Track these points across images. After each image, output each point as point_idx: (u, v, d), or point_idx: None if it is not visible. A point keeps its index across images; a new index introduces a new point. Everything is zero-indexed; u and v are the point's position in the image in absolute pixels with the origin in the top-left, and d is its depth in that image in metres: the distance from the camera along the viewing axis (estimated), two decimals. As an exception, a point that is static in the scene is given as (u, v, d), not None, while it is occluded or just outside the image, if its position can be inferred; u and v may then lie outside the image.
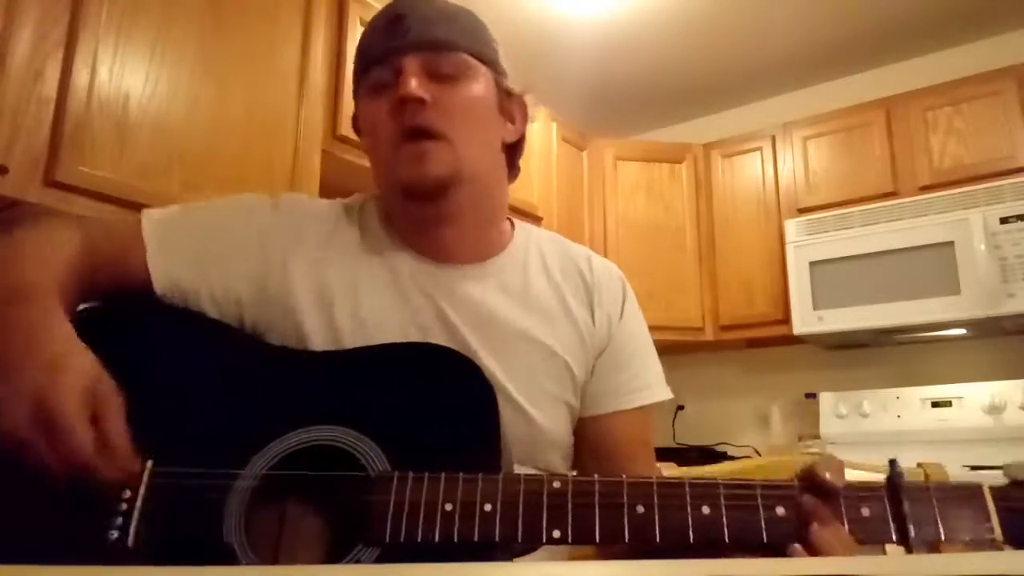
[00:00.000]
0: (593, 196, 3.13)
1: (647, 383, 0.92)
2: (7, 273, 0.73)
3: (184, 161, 1.65)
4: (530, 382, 0.83)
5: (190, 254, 0.83)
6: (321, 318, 0.81)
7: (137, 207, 1.55)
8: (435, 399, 0.71)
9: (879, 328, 2.63)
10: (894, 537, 0.60)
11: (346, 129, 2.04)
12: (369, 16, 2.23)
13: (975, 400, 2.63)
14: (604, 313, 0.91)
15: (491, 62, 0.86)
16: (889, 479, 0.62)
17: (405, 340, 0.80)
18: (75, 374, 0.65)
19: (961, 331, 2.65)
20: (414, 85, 0.79)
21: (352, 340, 0.80)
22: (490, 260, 0.89)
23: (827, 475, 0.61)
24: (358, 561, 0.62)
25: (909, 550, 0.59)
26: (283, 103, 1.89)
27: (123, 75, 1.56)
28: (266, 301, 0.82)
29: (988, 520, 0.60)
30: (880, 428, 2.77)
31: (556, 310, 0.89)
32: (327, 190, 1.99)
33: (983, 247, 2.41)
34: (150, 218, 0.85)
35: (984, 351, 2.74)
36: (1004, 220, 2.40)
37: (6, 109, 1.39)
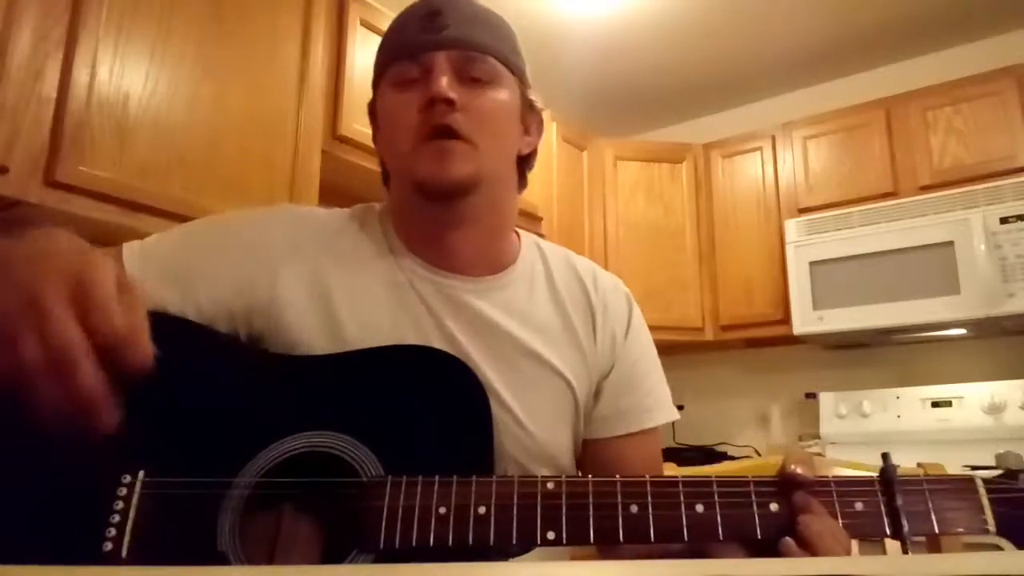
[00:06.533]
0: (593, 196, 3.13)
1: (656, 403, 0.90)
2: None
3: (184, 161, 1.65)
4: (529, 396, 0.82)
5: (173, 274, 0.80)
6: (317, 329, 0.79)
7: (137, 207, 1.56)
8: (427, 400, 0.70)
9: (879, 328, 2.63)
10: (888, 531, 0.60)
11: (346, 129, 2.04)
12: (369, 16, 2.26)
13: (975, 400, 2.63)
14: (608, 333, 0.89)
15: (519, 72, 0.86)
16: (882, 472, 0.62)
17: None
18: (57, 258, 0.54)
19: (961, 331, 2.65)
20: (445, 85, 0.77)
21: (347, 349, 0.78)
22: (496, 275, 0.87)
23: (794, 468, 0.62)
24: None
25: (903, 543, 0.59)
26: (283, 103, 1.89)
27: (123, 75, 1.56)
28: (258, 313, 0.80)
29: (982, 512, 0.60)
30: (880, 428, 2.77)
31: (560, 329, 0.87)
32: (327, 190, 1.99)
33: (983, 247, 2.41)
34: (130, 247, 0.83)
35: (984, 351, 2.74)
36: (1004, 220, 2.40)
37: (6, 109, 1.39)
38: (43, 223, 0.62)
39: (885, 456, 0.63)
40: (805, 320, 2.74)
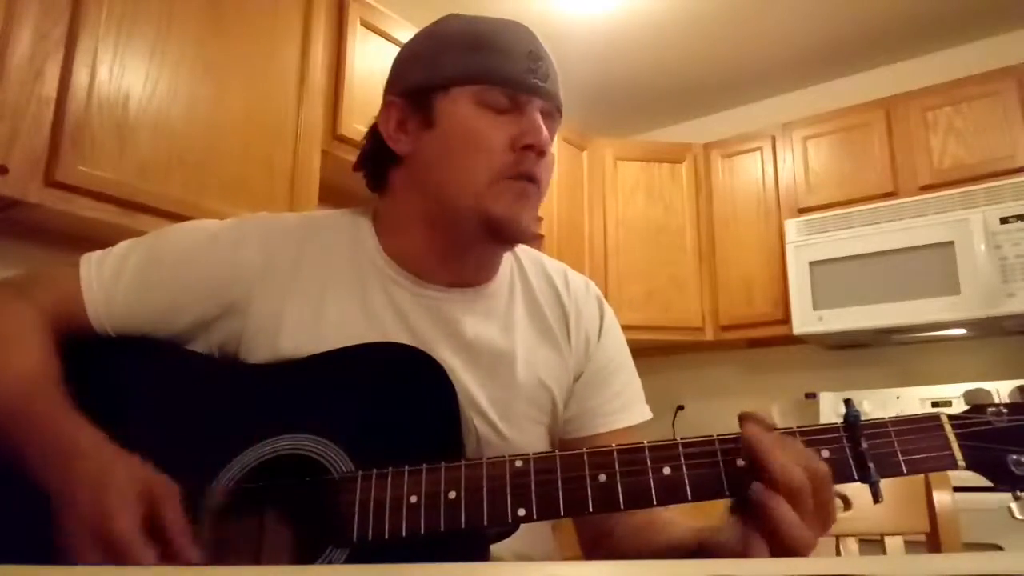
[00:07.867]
0: (593, 196, 3.13)
1: (628, 402, 0.91)
2: None
3: (184, 161, 1.65)
4: (506, 401, 0.83)
5: (136, 309, 0.80)
6: (288, 345, 0.78)
7: (137, 207, 1.57)
8: (394, 396, 0.70)
9: (879, 328, 2.63)
10: (855, 476, 0.60)
11: (346, 129, 2.04)
12: (369, 16, 2.25)
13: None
14: (581, 334, 0.91)
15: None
16: (846, 418, 0.62)
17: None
18: (122, 486, 0.61)
19: (961, 331, 2.65)
20: (547, 137, 0.80)
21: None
22: (481, 286, 0.87)
23: (752, 421, 0.62)
24: (329, 564, 0.62)
25: (872, 487, 0.60)
26: (283, 103, 1.89)
27: (123, 75, 1.56)
28: (232, 342, 0.80)
29: (948, 448, 0.61)
30: (880, 428, 2.77)
31: (538, 333, 0.88)
32: (327, 190, 1.99)
33: (983, 247, 2.41)
34: (89, 267, 0.81)
35: (984, 351, 2.73)
36: (1004, 220, 2.40)
37: (6, 109, 1.39)
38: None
39: (848, 402, 0.64)
40: (805, 320, 2.74)
